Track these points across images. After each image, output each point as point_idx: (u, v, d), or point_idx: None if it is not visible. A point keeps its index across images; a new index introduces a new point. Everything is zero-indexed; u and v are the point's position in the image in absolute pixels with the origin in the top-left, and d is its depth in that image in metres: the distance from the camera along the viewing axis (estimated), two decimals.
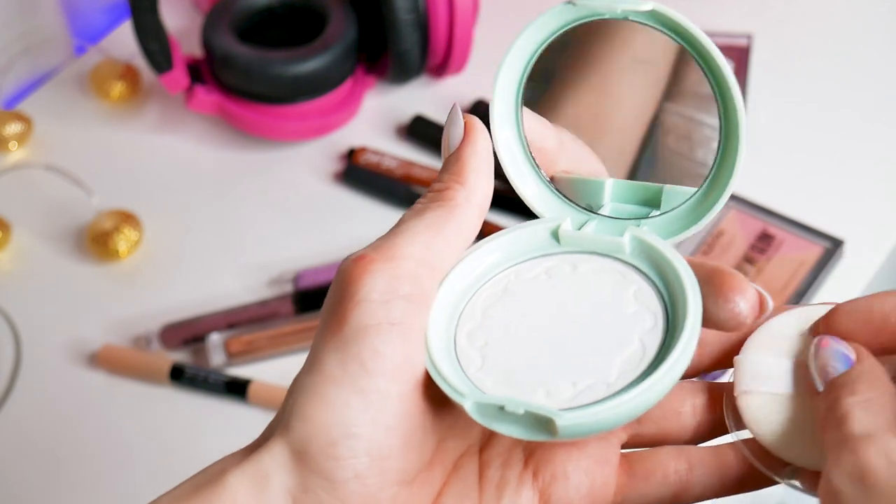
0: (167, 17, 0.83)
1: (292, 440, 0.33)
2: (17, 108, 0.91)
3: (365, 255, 0.35)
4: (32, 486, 0.70)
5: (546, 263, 0.38)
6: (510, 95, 0.40)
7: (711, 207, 0.38)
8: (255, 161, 0.87)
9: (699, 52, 0.37)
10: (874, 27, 0.93)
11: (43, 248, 0.82)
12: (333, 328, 0.34)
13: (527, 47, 0.40)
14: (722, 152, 0.37)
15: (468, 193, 0.37)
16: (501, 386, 0.35)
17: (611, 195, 0.40)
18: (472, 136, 0.38)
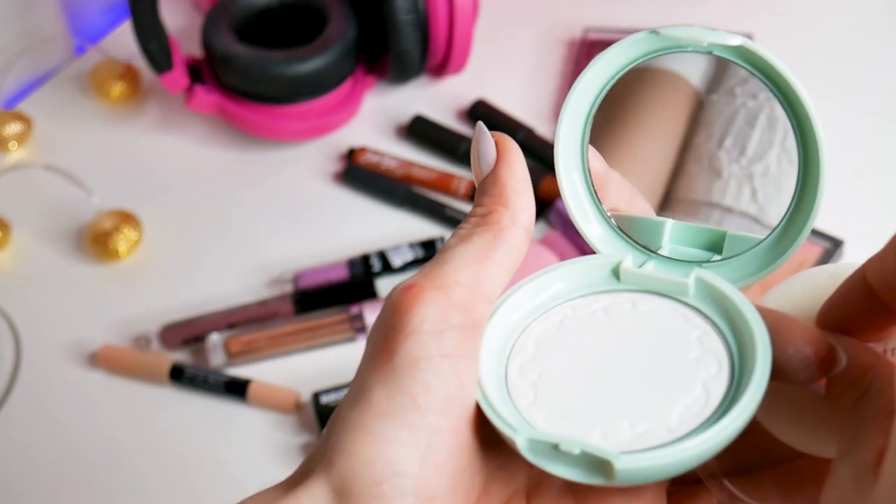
0: (167, 17, 0.83)
1: (334, 477, 0.32)
2: (17, 108, 0.91)
3: (415, 283, 0.34)
4: (32, 486, 0.70)
5: (604, 300, 0.37)
6: (577, 128, 0.38)
7: (782, 255, 0.36)
8: (255, 161, 0.87)
9: (784, 93, 0.36)
10: (874, 27, 0.93)
11: (43, 248, 0.82)
12: (382, 360, 0.33)
13: (599, 78, 0.38)
14: (797, 199, 0.36)
15: (513, 215, 0.36)
16: (555, 424, 0.33)
17: (670, 237, 0.38)
18: (507, 155, 0.37)
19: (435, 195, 0.83)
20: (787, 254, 0.36)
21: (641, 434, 0.32)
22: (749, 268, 0.37)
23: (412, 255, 0.79)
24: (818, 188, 0.36)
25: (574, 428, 0.33)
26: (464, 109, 0.89)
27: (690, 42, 0.36)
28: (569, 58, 0.92)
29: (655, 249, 0.38)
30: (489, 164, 0.37)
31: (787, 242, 0.37)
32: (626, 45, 0.37)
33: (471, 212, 0.36)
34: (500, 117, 0.87)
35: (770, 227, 0.37)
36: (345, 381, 0.71)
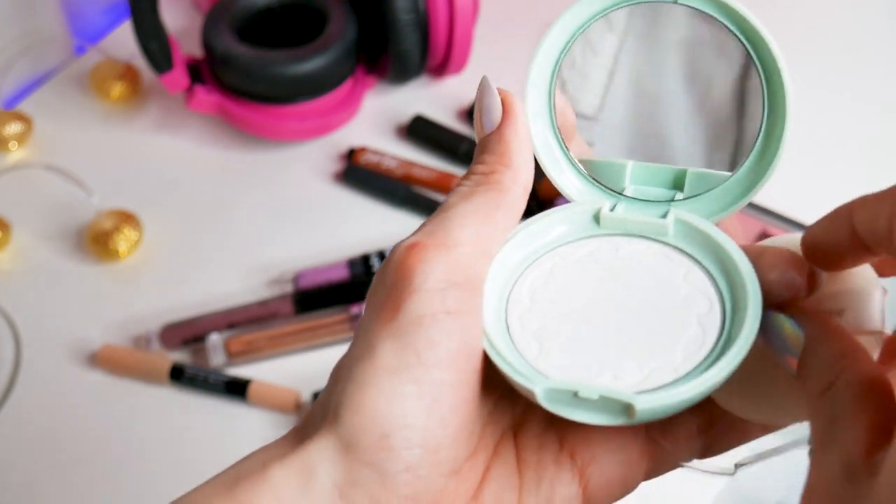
0: (167, 17, 0.83)
1: (342, 431, 0.32)
2: (17, 108, 0.91)
3: (419, 241, 0.34)
4: (32, 486, 0.70)
5: (589, 246, 0.38)
6: (545, 80, 0.39)
7: (749, 191, 0.37)
8: (255, 161, 0.87)
9: (748, 35, 0.37)
10: (874, 27, 0.93)
11: (43, 248, 0.82)
12: (387, 316, 0.33)
13: (565, 32, 0.39)
14: (763, 137, 0.37)
15: (515, 175, 0.36)
16: (566, 371, 0.34)
17: (631, 178, 0.39)
18: (512, 114, 0.37)
19: (435, 195, 0.83)
20: (755, 189, 0.37)
21: (650, 373, 0.34)
22: (718, 204, 0.38)
23: None
24: (784, 125, 0.37)
25: (585, 373, 0.34)
26: (464, 109, 0.89)
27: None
28: None
29: (620, 191, 0.39)
30: (494, 121, 0.37)
31: (755, 178, 0.38)
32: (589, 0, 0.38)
33: (471, 168, 0.37)
34: None
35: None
36: None
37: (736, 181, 0.38)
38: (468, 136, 0.86)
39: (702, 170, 0.38)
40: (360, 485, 0.32)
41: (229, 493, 0.33)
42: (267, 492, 0.32)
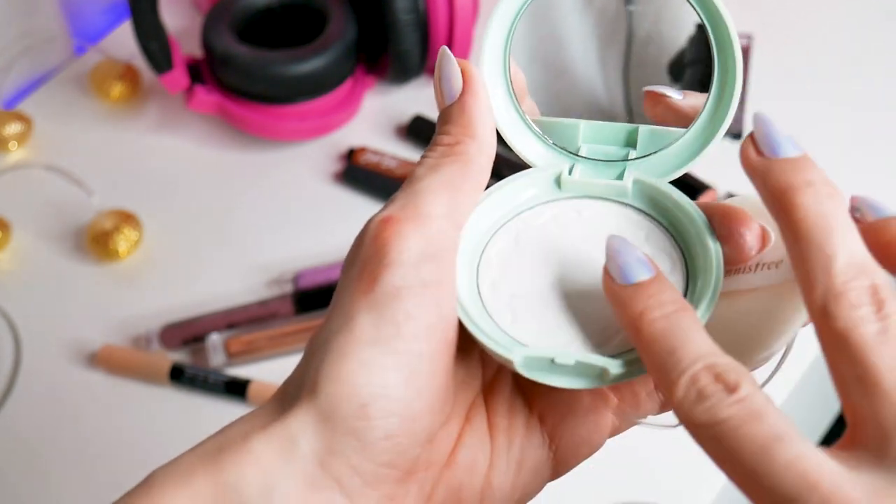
0: (167, 17, 0.83)
1: (321, 402, 0.33)
2: (17, 108, 0.91)
3: (392, 215, 0.35)
4: (32, 486, 0.70)
5: (551, 210, 0.38)
6: (499, 46, 0.40)
7: (702, 147, 0.38)
8: (255, 161, 0.87)
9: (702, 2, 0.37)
10: (874, 27, 0.93)
11: (43, 248, 0.82)
12: (364, 288, 0.34)
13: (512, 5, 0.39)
14: (715, 93, 0.38)
15: (479, 146, 0.37)
16: (540, 338, 0.35)
17: (584, 137, 0.40)
18: (472, 84, 0.37)
19: None
20: (709, 146, 0.38)
21: (619, 334, 0.35)
22: (672, 162, 0.39)
23: None
24: (735, 82, 0.37)
25: (558, 339, 0.35)
26: None
27: None
28: None
29: (574, 151, 0.39)
30: (455, 91, 0.37)
31: (707, 135, 0.38)
32: None
33: (435, 139, 0.37)
34: None
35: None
36: None
37: (689, 139, 0.38)
38: None
39: (654, 126, 0.39)
40: (340, 453, 0.33)
41: (212, 464, 0.34)
42: (250, 463, 0.33)
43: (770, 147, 0.33)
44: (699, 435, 0.30)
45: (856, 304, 0.30)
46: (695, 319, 0.32)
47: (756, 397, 0.30)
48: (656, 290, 0.33)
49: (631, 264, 0.33)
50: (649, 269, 0.33)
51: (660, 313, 0.32)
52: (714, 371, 0.30)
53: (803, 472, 0.28)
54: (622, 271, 0.33)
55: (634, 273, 0.33)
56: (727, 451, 0.29)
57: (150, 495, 0.33)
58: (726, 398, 0.30)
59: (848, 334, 0.30)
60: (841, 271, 0.30)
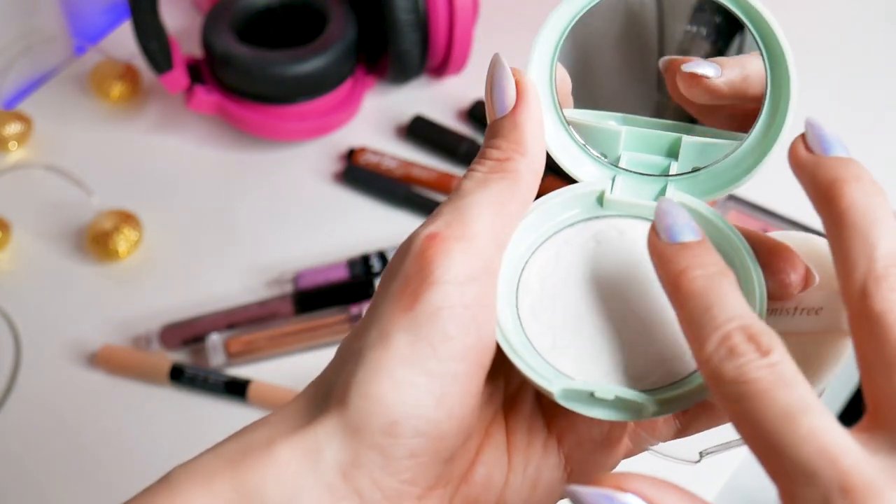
0: (167, 17, 0.83)
1: (350, 415, 0.33)
2: (17, 108, 0.91)
3: (439, 233, 0.34)
4: (32, 486, 0.70)
5: (592, 229, 0.38)
6: (548, 54, 0.39)
7: (751, 170, 0.37)
8: (255, 161, 0.87)
9: (755, 23, 0.37)
10: (874, 27, 0.93)
11: (43, 248, 0.82)
12: (405, 305, 0.34)
13: (570, 11, 0.39)
14: (767, 112, 0.37)
15: (529, 163, 0.36)
16: (578, 365, 0.35)
17: (625, 145, 0.39)
18: (527, 97, 0.37)
19: (435, 195, 0.83)
20: (758, 166, 0.37)
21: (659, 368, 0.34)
22: (715, 181, 0.38)
23: None
24: (789, 99, 0.37)
25: (597, 369, 0.35)
26: (464, 109, 0.89)
27: None
28: None
29: (614, 159, 0.39)
30: (507, 104, 0.37)
31: (757, 155, 0.37)
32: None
33: (485, 153, 0.36)
34: None
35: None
36: None
37: (737, 157, 0.38)
38: (468, 137, 0.86)
39: (698, 139, 0.38)
40: (363, 467, 0.33)
41: (234, 468, 0.33)
42: (272, 470, 0.33)
43: (822, 146, 0.33)
44: (723, 392, 0.30)
45: (895, 289, 0.30)
46: (735, 285, 0.32)
47: (787, 364, 0.29)
48: (701, 251, 0.33)
49: (679, 225, 0.33)
50: (696, 232, 0.33)
51: (701, 272, 0.32)
52: (748, 332, 0.30)
53: (824, 446, 0.28)
54: (670, 230, 0.33)
55: (681, 233, 0.33)
56: (751, 414, 0.29)
57: (170, 494, 0.33)
58: (758, 359, 0.29)
59: (884, 315, 0.30)
60: (883, 256, 0.31)
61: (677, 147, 0.38)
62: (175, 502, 0.33)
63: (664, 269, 0.33)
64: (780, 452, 0.28)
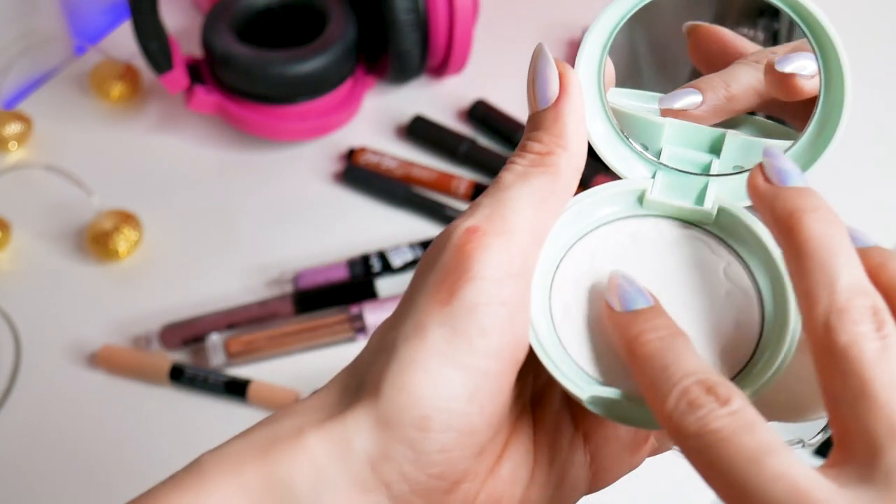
0: (167, 17, 0.83)
1: (382, 407, 0.33)
2: (17, 108, 0.91)
3: (479, 227, 0.34)
4: (32, 486, 0.70)
5: (630, 227, 0.37)
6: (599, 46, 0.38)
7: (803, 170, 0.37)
8: (255, 161, 0.87)
9: (811, 28, 0.36)
10: (875, 27, 0.93)
11: (43, 248, 0.82)
12: (442, 299, 0.33)
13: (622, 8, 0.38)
14: (819, 117, 0.37)
15: (570, 158, 0.36)
16: (609, 369, 0.35)
17: (668, 138, 0.38)
18: (570, 90, 0.36)
19: (435, 195, 0.83)
20: (809, 169, 0.37)
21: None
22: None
23: (412, 255, 0.79)
24: (841, 113, 0.36)
25: (628, 373, 0.34)
26: (464, 109, 0.89)
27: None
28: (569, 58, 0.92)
29: (656, 151, 0.38)
30: (550, 97, 0.36)
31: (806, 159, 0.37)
32: None
33: (525, 145, 0.36)
34: (500, 117, 0.87)
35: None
36: None
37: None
38: (468, 136, 0.86)
39: (743, 137, 0.37)
40: (393, 460, 0.33)
41: (264, 456, 0.33)
42: (303, 458, 0.33)
43: (780, 177, 0.34)
44: (688, 446, 0.30)
45: (858, 321, 0.30)
46: (689, 344, 0.32)
47: (747, 410, 0.30)
48: (653, 315, 0.33)
49: (631, 294, 0.34)
50: (648, 299, 0.34)
51: (655, 335, 0.32)
52: (706, 384, 0.30)
53: (793, 484, 0.28)
54: (622, 300, 0.34)
55: (634, 301, 0.34)
56: (716, 462, 0.29)
57: (199, 480, 0.33)
58: (718, 409, 0.30)
59: (849, 348, 0.30)
60: (844, 289, 0.31)
61: (720, 143, 0.38)
62: (203, 488, 0.33)
63: (620, 336, 0.33)
64: (751, 496, 0.29)
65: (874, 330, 0.30)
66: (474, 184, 0.82)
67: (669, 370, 0.31)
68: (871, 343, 0.30)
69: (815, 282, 0.31)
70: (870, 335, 0.30)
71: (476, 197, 0.82)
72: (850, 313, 0.30)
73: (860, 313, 0.30)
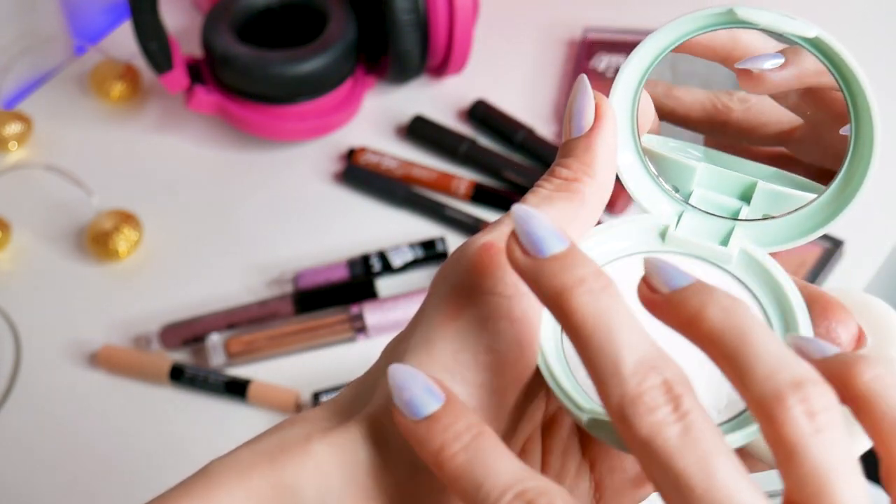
0: (167, 17, 0.83)
1: (386, 416, 0.33)
2: (17, 108, 0.91)
3: (495, 243, 0.34)
4: (32, 486, 0.70)
5: None
6: (635, 79, 0.38)
7: (823, 224, 0.37)
8: (255, 161, 0.87)
9: (848, 84, 0.36)
10: (874, 27, 0.93)
11: (43, 248, 0.82)
12: (451, 313, 0.33)
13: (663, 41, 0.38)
14: (846, 170, 0.37)
15: (596, 189, 0.36)
16: None
17: (699, 181, 0.38)
18: (604, 122, 0.36)
19: (435, 195, 0.83)
20: (829, 224, 0.37)
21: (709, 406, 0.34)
22: (784, 233, 0.37)
23: (412, 255, 0.79)
24: (868, 167, 0.36)
25: None
26: (464, 109, 0.89)
27: (769, 26, 0.36)
28: (569, 58, 0.92)
29: (686, 194, 0.38)
30: (584, 126, 0.36)
31: (830, 212, 0.37)
32: (699, 16, 0.37)
33: (553, 170, 0.36)
34: (500, 117, 0.87)
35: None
36: (345, 382, 0.71)
37: (809, 212, 0.37)
38: (468, 137, 0.86)
39: (773, 187, 0.38)
40: (392, 469, 0.33)
41: (271, 463, 0.33)
42: (310, 465, 0.33)
43: (534, 246, 0.31)
44: None
45: (652, 407, 0.29)
46: (496, 442, 0.31)
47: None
48: (450, 419, 0.31)
49: (418, 396, 0.31)
50: (438, 396, 0.31)
51: (459, 446, 0.31)
52: (525, 498, 0.29)
53: None
54: (410, 406, 0.31)
55: (423, 405, 0.31)
56: None
57: (207, 486, 0.33)
58: None
59: (651, 442, 0.28)
60: (630, 374, 0.29)
61: (752, 191, 0.38)
62: (212, 495, 0.33)
63: (421, 452, 0.31)
64: None
65: (671, 412, 0.28)
66: (474, 184, 0.82)
67: (484, 489, 0.30)
68: (671, 429, 0.28)
69: (601, 370, 0.30)
70: (668, 421, 0.28)
71: (476, 197, 0.83)
72: (642, 400, 0.29)
73: (653, 397, 0.29)
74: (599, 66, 0.90)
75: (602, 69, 0.89)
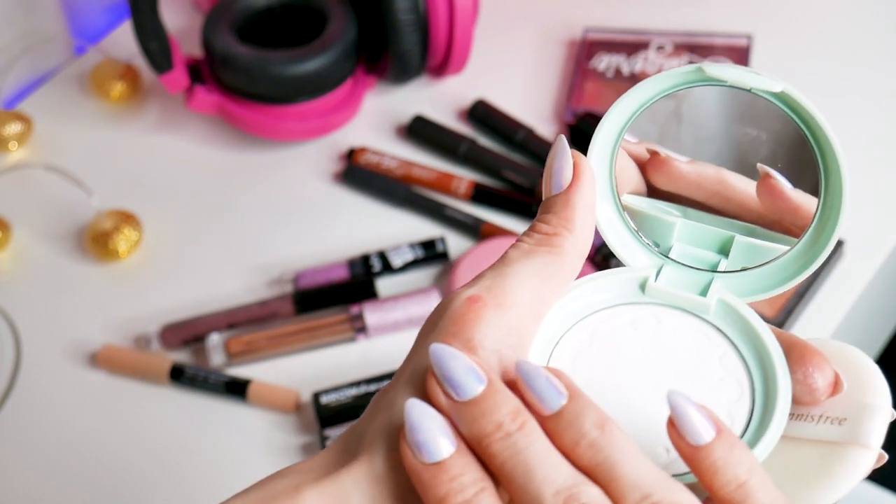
0: (167, 17, 0.83)
1: (376, 465, 0.33)
2: (17, 108, 0.91)
3: (479, 297, 0.35)
4: (32, 486, 0.70)
5: (631, 314, 0.39)
6: (612, 135, 0.40)
7: (797, 275, 0.38)
8: (255, 161, 0.87)
9: (815, 136, 0.37)
10: (874, 27, 0.93)
11: (43, 248, 0.82)
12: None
13: (637, 99, 0.39)
14: (817, 223, 0.38)
15: (576, 242, 0.37)
16: None
17: (678, 236, 0.40)
18: (581, 179, 0.38)
19: (435, 195, 0.83)
20: (803, 273, 0.38)
21: (675, 459, 0.35)
22: (760, 283, 0.39)
23: (412, 255, 0.79)
24: (838, 218, 0.38)
25: None
26: (464, 109, 0.89)
27: (735, 82, 0.37)
28: (569, 58, 0.92)
29: (666, 250, 0.40)
30: (562, 183, 0.38)
31: (803, 262, 0.38)
32: (670, 74, 0.38)
33: (534, 226, 0.37)
34: (500, 117, 0.87)
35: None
36: (345, 381, 0.71)
37: (784, 263, 0.39)
38: (468, 137, 0.86)
39: (750, 240, 0.39)
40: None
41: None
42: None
43: (454, 389, 0.33)
44: None
45: None
46: (496, 498, 0.32)
47: None
48: (459, 469, 0.32)
49: (433, 440, 0.32)
50: (451, 440, 0.32)
51: (461, 498, 0.32)
52: None
53: None
54: (421, 448, 0.32)
55: (436, 449, 0.32)
56: None
57: None
58: None
59: None
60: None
61: (729, 245, 0.39)
62: None
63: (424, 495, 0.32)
64: None
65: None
66: (474, 184, 0.83)
67: None
68: None
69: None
70: None
71: (476, 197, 0.83)
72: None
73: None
74: (599, 66, 0.90)
75: (602, 69, 0.89)
